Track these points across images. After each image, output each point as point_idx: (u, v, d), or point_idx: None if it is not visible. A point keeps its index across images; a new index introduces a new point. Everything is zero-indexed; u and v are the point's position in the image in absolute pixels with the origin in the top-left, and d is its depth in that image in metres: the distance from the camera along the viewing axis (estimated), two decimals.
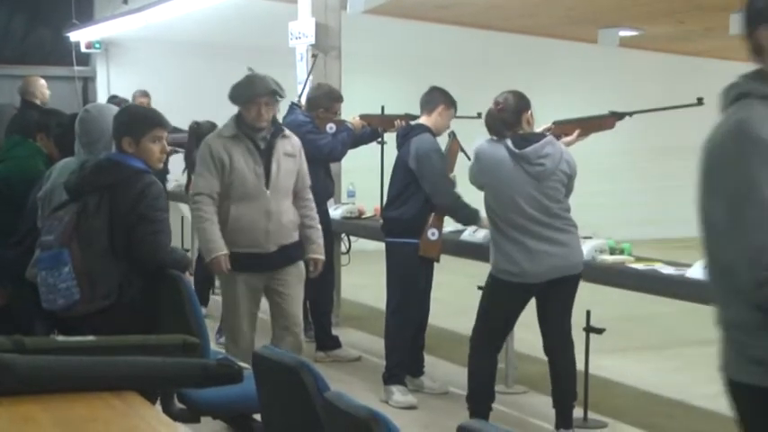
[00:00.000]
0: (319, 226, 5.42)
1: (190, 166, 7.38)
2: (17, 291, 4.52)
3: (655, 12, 11.01)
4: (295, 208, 5.27)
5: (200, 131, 7.66)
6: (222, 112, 8.14)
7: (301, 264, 5.30)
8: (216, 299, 7.67)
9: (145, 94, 9.30)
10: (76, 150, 4.46)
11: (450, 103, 5.87)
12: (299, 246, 5.29)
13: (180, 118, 7.62)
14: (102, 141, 4.33)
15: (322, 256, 5.41)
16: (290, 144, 5.27)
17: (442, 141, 5.91)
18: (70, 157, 4.52)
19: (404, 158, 5.80)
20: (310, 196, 5.39)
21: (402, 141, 5.88)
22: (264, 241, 5.10)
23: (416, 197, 5.75)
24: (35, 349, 2.81)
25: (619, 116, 5.32)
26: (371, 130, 6.87)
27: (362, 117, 6.85)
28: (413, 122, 5.98)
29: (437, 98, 5.86)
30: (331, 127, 6.62)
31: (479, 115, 5.20)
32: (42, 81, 8.95)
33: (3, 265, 4.63)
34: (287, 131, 5.32)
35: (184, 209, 9.96)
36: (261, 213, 5.08)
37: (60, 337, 3.14)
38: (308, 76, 7.49)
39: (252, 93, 5.18)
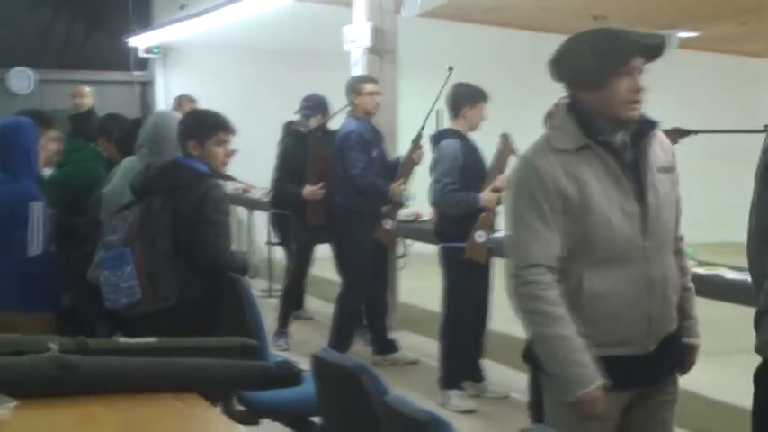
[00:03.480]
0: (692, 285, 3.16)
1: (280, 170, 7.43)
2: (79, 292, 4.59)
3: (715, 13, 10.87)
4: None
5: (291, 130, 7.72)
6: (279, 116, 8.27)
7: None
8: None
9: (191, 99, 9.32)
10: (141, 153, 4.52)
11: (475, 99, 5.81)
12: (679, 337, 3.09)
13: (239, 122, 7.67)
14: (167, 146, 4.39)
15: (698, 341, 3.20)
16: (662, 148, 2.98)
17: (485, 139, 5.87)
18: (134, 157, 4.58)
19: (432, 165, 5.83)
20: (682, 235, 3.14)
21: (434, 146, 5.87)
22: (645, 333, 2.88)
23: None
24: (98, 350, 2.84)
25: (683, 133, 5.23)
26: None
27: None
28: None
29: (461, 99, 5.81)
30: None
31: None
32: (79, 89, 9.13)
33: (66, 267, 4.69)
34: (655, 122, 2.95)
35: (242, 212, 10.05)
36: (638, 284, 2.84)
37: (123, 339, 3.17)
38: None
39: (625, 51, 2.78)
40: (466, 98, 5.80)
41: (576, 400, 2.74)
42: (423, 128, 6.49)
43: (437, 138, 5.85)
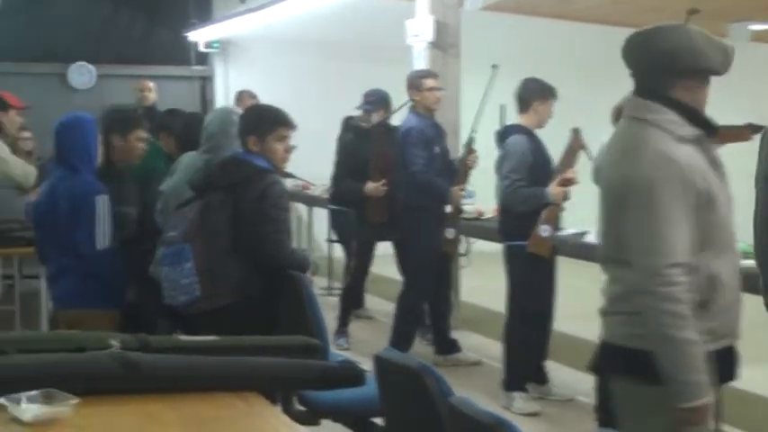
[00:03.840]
0: None
1: (341, 167, 7.45)
2: (140, 289, 4.64)
3: None
4: None
5: (349, 125, 7.73)
6: (339, 111, 8.29)
7: None
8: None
9: (252, 95, 9.35)
10: (202, 149, 4.56)
11: (545, 95, 5.76)
12: None
13: (298, 117, 7.71)
14: (228, 142, 4.42)
15: None
16: None
17: (551, 135, 5.82)
18: (194, 152, 4.62)
19: (499, 162, 5.78)
20: None
21: (499, 143, 5.83)
22: (738, 322, 2.94)
23: None
24: (160, 348, 2.87)
25: (756, 129, 5.14)
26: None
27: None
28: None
29: (530, 94, 5.76)
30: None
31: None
32: (145, 83, 9.27)
33: (128, 263, 4.74)
34: None
35: (302, 209, 10.09)
36: (737, 272, 2.92)
37: (184, 336, 3.21)
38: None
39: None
40: (536, 93, 5.76)
41: (695, 407, 2.69)
42: (474, 130, 6.47)
43: (503, 134, 5.81)
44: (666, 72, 2.80)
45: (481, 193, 7.57)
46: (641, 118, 2.81)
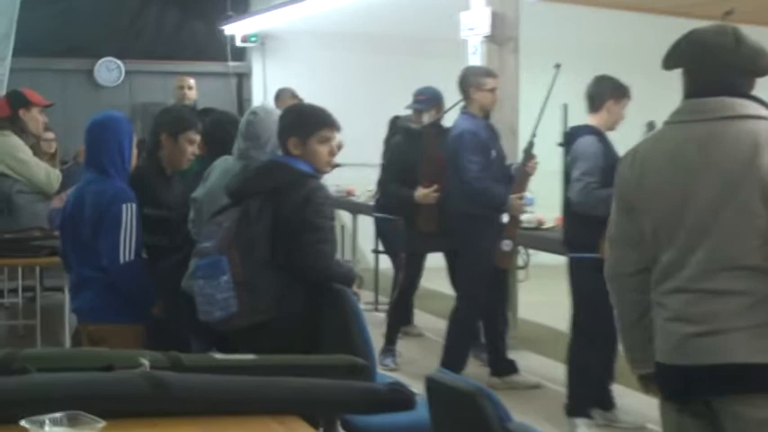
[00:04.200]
0: None
1: (388, 171, 7.46)
2: (172, 303, 4.66)
3: None
4: None
5: (396, 126, 7.73)
6: (386, 111, 8.29)
7: None
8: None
9: (293, 94, 9.32)
10: (238, 153, 4.56)
11: (620, 94, 5.72)
12: None
13: (342, 117, 7.74)
14: (269, 144, 4.43)
15: None
16: None
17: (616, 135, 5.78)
18: (230, 156, 4.64)
19: (569, 165, 5.73)
20: None
21: (567, 146, 5.78)
22: None
23: None
24: (192, 367, 2.88)
25: None
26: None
27: None
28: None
29: (604, 92, 5.72)
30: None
31: None
32: (186, 79, 9.36)
33: (157, 275, 4.77)
34: None
35: (346, 217, 10.10)
36: None
37: (218, 355, 3.21)
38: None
39: None
40: (610, 92, 5.72)
41: None
42: (534, 134, 6.44)
43: (572, 135, 5.76)
44: (748, 72, 3.02)
45: (541, 201, 7.53)
46: (747, 114, 2.94)
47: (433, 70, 8.07)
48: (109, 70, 11.53)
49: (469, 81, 6.58)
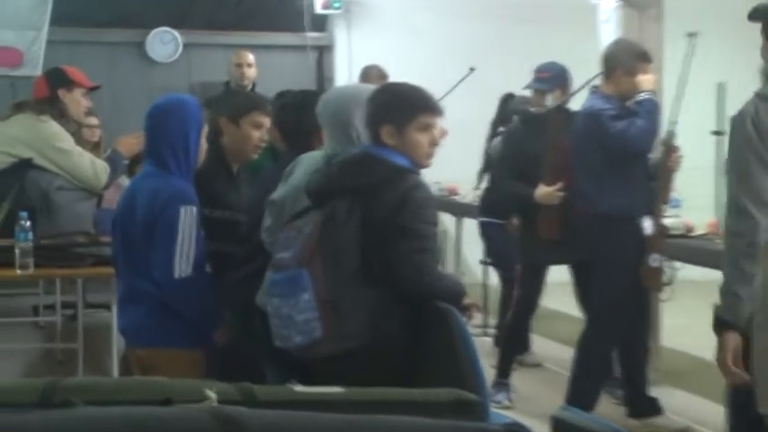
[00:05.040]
0: None
1: (502, 164, 7.46)
2: (242, 324, 4.70)
3: None
4: None
5: (508, 108, 7.73)
6: (498, 91, 8.28)
7: None
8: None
9: (382, 73, 9.29)
10: (327, 143, 4.58)
11: None
12: None
13: (444, 100, 7.73)
14: (353, 133, 4.43)
15: None
16: None
17: None
18: (317, 152, 4.65)
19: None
20: None
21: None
22: None
23: None
24: (268, 402, 2.89)
25: None
26: None
27: None
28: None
29: None
30: (642, 98, 6.42)
31: None
32: (245, 54, 9.42)
33: (223, 290, 4.82)
34: None
35: (448, 221, 10.09)
36: None
37: (299, 387, 3.22)
38: None
39: None
40: None
41: None
42: (675, 121, 6.38)
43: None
44: None
45: (689, 202, 7.46)
46: None
47: (557, 42, 8.06)
48: (163, 43, 11.67)
49: (620, 60, 6.51)
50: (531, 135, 7.14)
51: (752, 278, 4.08)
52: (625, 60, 6.51)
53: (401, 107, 4.23)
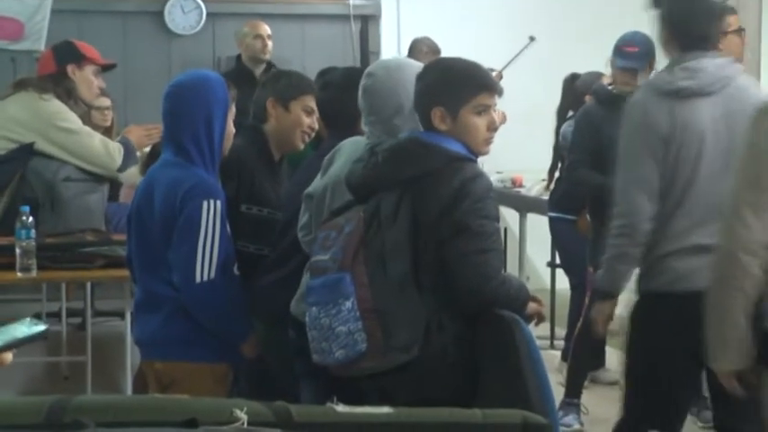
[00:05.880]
0: None
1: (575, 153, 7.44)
2: (275, 335, 4.73)
3: None
4: None
5: (576, 89, 7.70)
6: (570, 68, 8.27)
7: None
8: None
9: (433, 47, 9.27)
10: (367, 130, 4.57)
11: None
12: None
13: (506, 77, 7.73)
14: (399, 116, 4.43)
15: None
16: None
17: None
18: (361, 138, 4.65)
19: None
20: None
21: None
22: None
23: None
24: (306, 423, 2.92)
25: None
26: None
27: None
28: None
29: None
30: None
31: None
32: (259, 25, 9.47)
33: (253, 296, 4.85)
34: None
35: (510, 216, 10.09)
36: None
37: (341, 407, 3.25)
38: None
39: None
40: None
41: None
42: None
43: None
44: None
45: None
46: None
47: (626, 8, 8.00)
48: (185, 12, 11.64)
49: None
50: (611, 117, 7.08)
51: (629, 256, 5.05)
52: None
53: (454, 87, 4.23)
